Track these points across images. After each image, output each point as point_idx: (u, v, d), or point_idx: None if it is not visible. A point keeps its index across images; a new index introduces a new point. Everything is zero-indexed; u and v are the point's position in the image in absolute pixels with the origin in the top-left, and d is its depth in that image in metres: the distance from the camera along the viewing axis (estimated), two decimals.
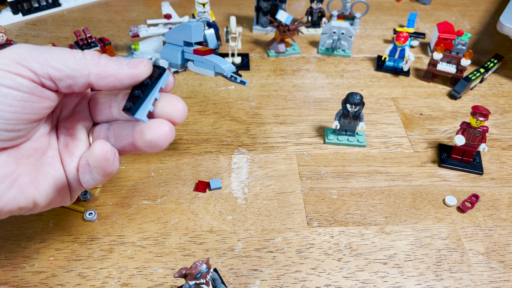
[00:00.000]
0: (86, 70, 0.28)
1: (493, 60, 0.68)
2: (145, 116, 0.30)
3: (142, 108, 0.30)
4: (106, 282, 0.38)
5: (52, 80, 0.27)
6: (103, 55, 0.29)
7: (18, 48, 0.27)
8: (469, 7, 0.91)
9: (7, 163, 0.28)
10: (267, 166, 0.51)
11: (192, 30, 0.31)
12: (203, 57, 0.32)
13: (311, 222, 0.44)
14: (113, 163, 0.30)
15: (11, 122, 0.27)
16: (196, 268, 0.31)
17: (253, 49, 0.74)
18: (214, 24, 0.66)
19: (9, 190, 0.28)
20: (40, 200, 0.30)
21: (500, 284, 0.39)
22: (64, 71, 0.27)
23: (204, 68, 0.33)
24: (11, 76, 0.26)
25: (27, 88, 0.27)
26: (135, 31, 0.65)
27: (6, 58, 0.26)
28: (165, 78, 0.31)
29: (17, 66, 0.26)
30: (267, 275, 0.39)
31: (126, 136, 0.33)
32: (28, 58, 0.27)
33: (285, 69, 0.69)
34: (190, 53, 0.33)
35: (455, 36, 0.65)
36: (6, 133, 0.27)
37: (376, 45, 0.76)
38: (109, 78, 0.29)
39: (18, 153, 0.29)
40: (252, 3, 0.79)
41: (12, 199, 0.28)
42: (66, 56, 0.28)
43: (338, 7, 0.84)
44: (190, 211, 0.45)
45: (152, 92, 0.30)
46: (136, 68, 0.29)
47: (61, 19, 0.81)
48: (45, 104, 0.28)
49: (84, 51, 0.29)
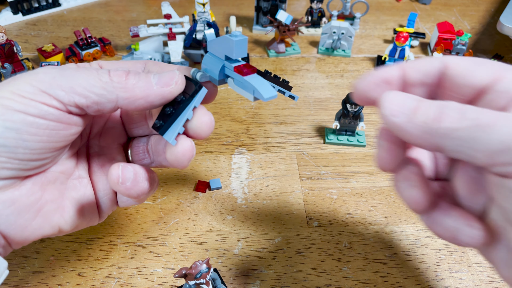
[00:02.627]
0: (113, 95, 0.26)
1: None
2: (173, 139, 0.27)
3: (172, 128, 0.28)
4: (106, 282, 0.38)
5: (78, 107, 0.26)
6: (131, 74, 0.27)
7: (43, 74, 0.25)
8: (469, 7, 0.91)
9: (32, 192, 0.27)
10: (267, 166, 0.51)
11: (234, 45, 0.27)
12: (243, 78, 0.28)
13: (311, 222, 0.44)
14: (134, 186, 0.28)
15: (37, 151, 0.25)
16: (196, 268, 0.31)
17: (253, 49, 0.74)
18: (214, 24, 0.66)
19: (34, 220, 0.27)
20: (65, 227, 0.29)
21: (500, 284, 0.39)
22: (90, 98, 0.26)
23: (244, 89, 0.29)
24: (37, 105, 0.24)
25: (53, 116, 0.25)
26: (135, 31, 0.65)
27: (31, 86, 0.25)
28: (201, 96, 0.28)
29: (42, 95, 0.25)
30: (267, 275, 0.39)
31: (161, 151, 0.32)
32: (53, 86, 0.25)
33: (285, 69, 0.69)
34: (230, 70, 0.29)
35: (455, 36, 0.65)
36: (31, 163, 0.26)
37: (376, 45, 0.76)
38: (139, 101, 0.27)
39: (44, 178, 0.28)
40: (252, 3, 0.79)
41: (37, 229, 0.27)
42: (92, 81, 0.26)
43: (338, 7, 0.84)
44: (190, 211, 0.45)
45: (185, 112, 0.28)
46: (167, 87, 0.27)
47: (61, 19, 0.81)
48: (71, 130, 0.27)
49: (111, 71, 0.27)
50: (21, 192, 0.26)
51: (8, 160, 0.24)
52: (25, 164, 0.25)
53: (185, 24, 0.68)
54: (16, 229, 0.26)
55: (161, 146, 0.32)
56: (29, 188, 0.27)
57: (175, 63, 0.66)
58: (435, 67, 0.24)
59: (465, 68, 0.23)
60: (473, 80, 0.23)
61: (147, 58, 0.64)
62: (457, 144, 0.20)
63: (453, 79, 0.23)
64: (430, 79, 0.24)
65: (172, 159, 0.28)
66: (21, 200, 0.26)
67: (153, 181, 0.30)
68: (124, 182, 0.27)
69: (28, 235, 0.27)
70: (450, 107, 0.21)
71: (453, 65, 0.23)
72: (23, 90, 0.25)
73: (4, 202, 0.25)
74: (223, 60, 0.29)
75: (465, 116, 0.20)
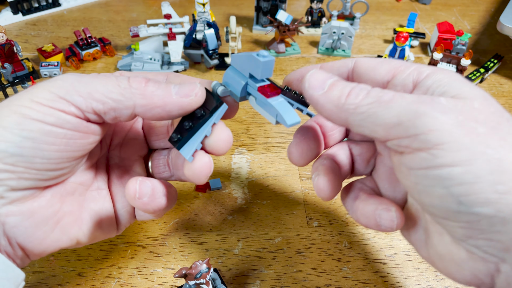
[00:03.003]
0: (131, 101, 0.26)
1: (493, 60, 0.68)
2: (190, 155, 0.26)
3: (189, 144, 0.27)
4: (106, 282, 0.38)
5: (96, 114, 0.26)
6: (151, 82, 0.26)
7: (61, 81, 0.25)
8: (469, 7, 0.91)
9: (51, 203, 0.27)
10: (267, 166, 0.51)
11: (261, 66, 0.26)
12: (267, 100, 0.27)
13: (311, 222, 0.44)
14: (151, 202, 0.27)
15: (54, 161, 0.25)
16: (196, 268, 0.31)
17: (253, 49, 0.74)
18: (214, 24, 0.66)
19: (52, 232, 0.27)
20: (83, 239, 0.29)
21: None
22: (108, 104, 0.25)
23: (266, 111, 0.27)
24: (54, 113, 0.24)
25: (70, 124, 0.25)
26: (135, 31, 0.65)
27: (49, 92, 0.24)
28: (221, 112, 0.27)
29: (60, 102, 0.24)
30: (267, 275, 0.39)
31: (180, 165, 0.32)
32: (71, 92, 0.25)
33: (285, 69, 0.69)
34: (254, 89, 0.27)
35: (455, 36, 0.65)
36: (49, 173, 0.25)
37: (376, 45, 0.76)
38: (156, 109, 0.26)
39: (62, 189, 0.28)
40: (252, 3, 0.79)
41: (55, 241, 0.27)
42: (110, 87, 0.25)
43: (338, 7, 0.84)
44: (190, 211, 0.45)
45: (203, 127, 0.27)
46: (186, 98, 0.26)
47: (61, 19, 0.81)
48: (89, 139, 0.26)
49: (130, 78, 0.26)
50: (40, 204, 0.26)
51: (26, 170, 0.24)
52: (43, 174, 0.25)
53: (185, 24, 0.68)
54: (34, 241, 0.26)
55: (180, 161, 0.31)
56: (48, 200, 0.26)
57: (175, 63, 0.66)
58: (348, 66, 0.29)
59: (369, 67, 0.27)
60: (376, 76, 0.27)
61: (147, 58, 0.64)
62: (361, 119, 0.23)
63: (361, 76, 0.28)
64: (344, 76, 0.29)
65: (189, 174, 0.27)
66: (40, 211, 0.26)
67: (171, 197, 0.29)
68: (141, 197, 0.27)
69: (46, 247, 0.27)
70: (360, 87, 0.24)
71: (360, 64, 0.28)
72: (42, 97, 0.24)
73: (23, 214, 0.25)
74: (246, 77, 0.28)
75: (370, 94, 0.23)
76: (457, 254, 0.23)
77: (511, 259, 0.21)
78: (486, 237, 0.21)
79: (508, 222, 0.20)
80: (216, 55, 0.65)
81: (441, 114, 0.21)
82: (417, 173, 0.22)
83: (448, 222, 0.22)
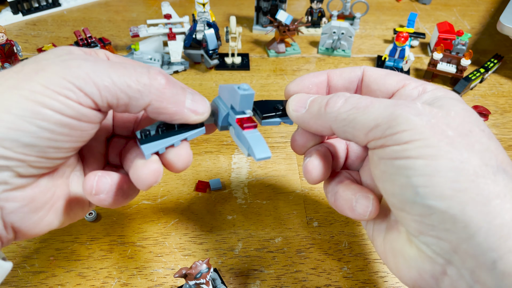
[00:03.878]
0: (147, 99, 0.25)
1: (493, 60, 0.68)
2: (149, 153, 0.26)
3: (154, 144, 0.26)
4: (106, 282, 0.38)
5: (109, 106, 0.25)
6: (170, 84, 0.26)
7: (76, 68, 0.23)
8: (469, 7, 0.91)
9: (47, 189, 0.26)
10: (267, 166, 0.51)
11: (239, 99, 0.26)
12: (242, 132, 0.27)
13: (311, 222, 0.44)
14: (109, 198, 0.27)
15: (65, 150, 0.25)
16: (196, 268, 0.31)
17: (253, 49, 0.74)
18: (214, 24, 0.66)
19: (47, 216, 0.27)
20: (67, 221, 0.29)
21: None
22: (123, 100, 0.24)
23: (241, 142, 0.27)
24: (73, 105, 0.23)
25: (86, 117, 0.24)
26: (135, 31, 0.65)
27: (66, 81, 0.23)
28: (197, 133, 0.28)
29: (78, 93, 0.23)
30: (267, 275, 0.39)
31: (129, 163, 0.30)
32: (89, 83, 0.23)
33: (285, 69, 0.69)
34: (233, 120, 0.28)
35: (455, 36, 0.65)
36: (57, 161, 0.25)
37: (376, 45, 0.76)
38: (164, 115, 0.26)
39: (56, 174, 0.27)
40: (252, 3, 0.79)
41: (47, 225, 0.27)
42: (128, 80, 0.24)
43: (338, 7, 0.84)
44: (190, 211, 0.45)
45: (175, 137, 0.27)
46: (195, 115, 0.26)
47: (61, 19, 0.81)
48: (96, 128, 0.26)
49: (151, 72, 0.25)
50: (40, 189, 0.26)
51: (37, 159, 0.24)
52: (51, 163, 0.25)
53: (185, 24, 0.68)
54: (30, 225, 0.26)
55: (131, 156, 0.29)
56: (45, 184, 0.26)
57: (175, 63, 0.66)
58: (356, 75, 0.30)
59: (378, 77, 0.29)
60: (386, 85, 0.28)
61: (147, 58, 0.64)
62: (343, 125, 0.25)
63: (369, 85, 0.29)
64: (353, 85, 0.30)
65: (134, 177, 0.26)
66: (39, 197, 0.26)
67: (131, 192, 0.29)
68: (98, 194, 0.26)
69: (39, 230, 0.27)
70: (337, 95, 0.26)
71: (369, 73, 0.29)
72: (57, 84, 0.23)
73: (24, 199, 0.25)
74: (229, 108, 0.28)
75: (348, 101, 0.25)
76: (408, 251, 0.24)
77: (457, 262, 0.21)
78: (436, 235, 0.22)
79: (457, 220, 0.20)
80: (216, 55, 0.65)
81: (414, 116, 0.22)
82: (386, 162, 0.23)
83: (404, 214, 0.23)
